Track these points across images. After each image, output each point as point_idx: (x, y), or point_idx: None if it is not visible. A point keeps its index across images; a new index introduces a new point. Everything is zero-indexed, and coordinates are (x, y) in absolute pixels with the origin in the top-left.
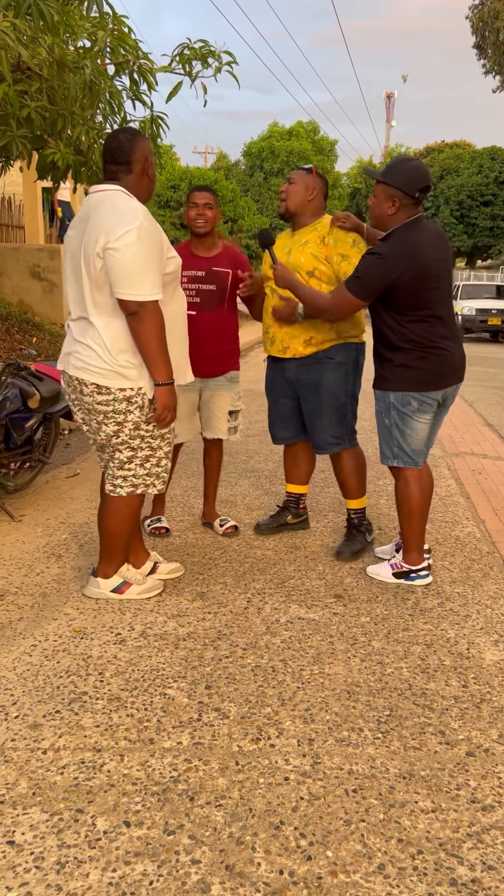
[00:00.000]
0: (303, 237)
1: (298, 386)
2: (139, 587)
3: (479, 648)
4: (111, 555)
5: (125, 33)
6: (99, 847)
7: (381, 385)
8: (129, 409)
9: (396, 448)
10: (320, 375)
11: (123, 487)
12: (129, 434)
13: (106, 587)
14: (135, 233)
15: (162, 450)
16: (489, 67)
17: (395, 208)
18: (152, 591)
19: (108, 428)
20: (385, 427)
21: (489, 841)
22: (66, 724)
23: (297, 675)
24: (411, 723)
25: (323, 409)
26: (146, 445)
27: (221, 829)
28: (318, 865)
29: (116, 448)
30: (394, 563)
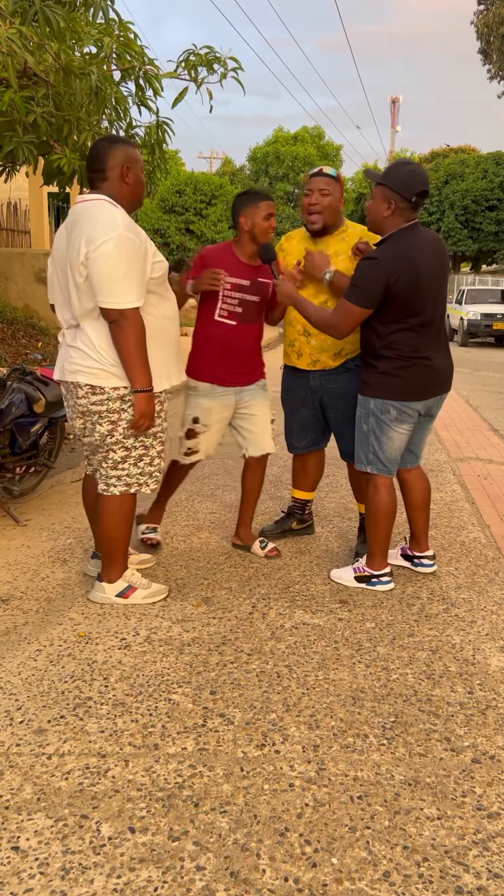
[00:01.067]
0: (330, 247)
1: (325, 395)
2: (144, 591)
3: (484, 654)
4: (112, 559)
5: (131, 39)
6: (104, 853)
7: (362, 390)
8: (122, 408)
9: (371, 455)
10: (350, 384)
11: (117, 486)
12: (122, 433)
13: (111, 592)
14: (113, 242)
15: (154, 448)
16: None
17: (391, 210)
18: (157, 596)
19: (103, 427)
20: (363, 432)
21: (495, 849)
22: (70, 729)
23: (301, 681)
24: (416, 729)
25: (352, 417)
26: (139, 444)
27: (226, 836)
28: (323, 872)
29: (111, 448)
30: (356, 567)
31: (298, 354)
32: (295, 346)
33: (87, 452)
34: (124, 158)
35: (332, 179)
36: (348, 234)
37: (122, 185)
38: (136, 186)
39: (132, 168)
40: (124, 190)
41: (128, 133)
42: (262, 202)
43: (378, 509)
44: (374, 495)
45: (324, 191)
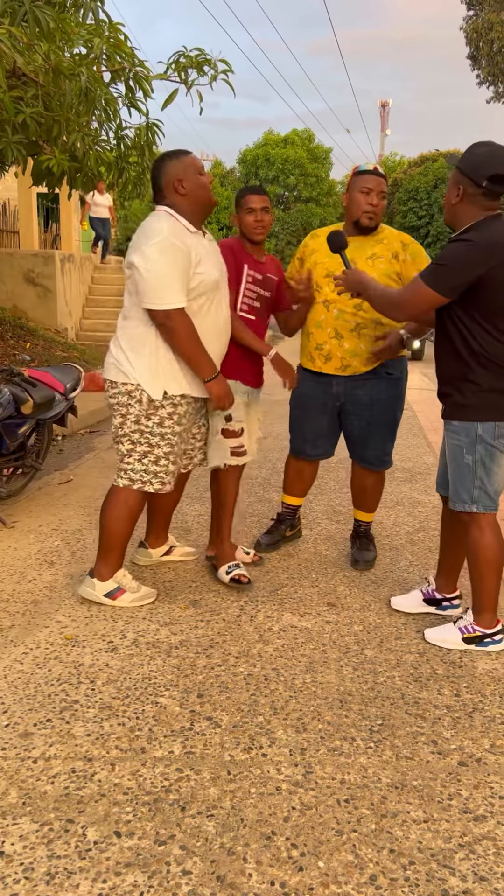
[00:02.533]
0: (368, 248)
1: (349, 402)
2: (132, 594)
3: (471, 657)
4: (107, 554)
5: (121, 41)
6: (89, 857)
7: (462, 415)
8: (129, 403)
9: (478, 490)
10: (378, 391)
11: (122, 479)
12: (130, 427)
13: (100, 590)
14: (157, 247)
15: (161, 448)
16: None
17: (459, 196)
18: (145, 600)
19: (116, 420)
20: (465, 465)
21: (481, 851)
22: (56, 732)
23: (289, 684)
24: (404, 732)
25: (378, 425)
26: (144, 441)
27: (213, 840)
28: (309, 876)
29: (119, 440)
30: (463, 627)
31: (327, 358)
32: (324, 349)
33: None
34: (174, 172)
35: (383, 179)
36: (385, 235)
37: (178, 196)
38: (194, 193)
39: (184, 178)
40: (183, 201)
41: (117, 134)
42: (246, 198)
43: (487, 554)
44: (480, 538)
45: (383, 193)
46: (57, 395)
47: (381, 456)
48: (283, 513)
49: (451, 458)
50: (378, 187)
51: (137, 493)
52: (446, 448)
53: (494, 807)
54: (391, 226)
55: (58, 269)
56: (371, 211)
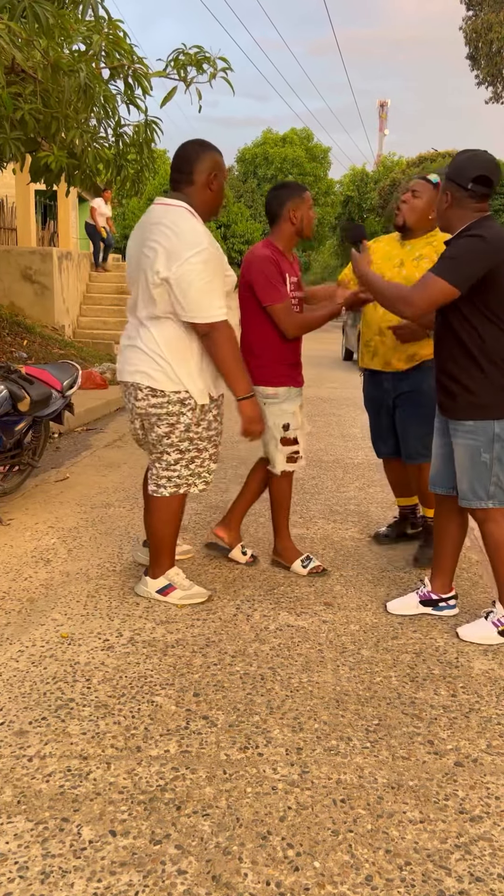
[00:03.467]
0: (416, 250)
1: (396, 395)
2: (182, 592)
3: (468, 657)
4: (157, 556)
5: (120, 38)
6: (84, 857)
7: (478, 414)
8: (181, 412)
9: (494, 486)
10: (420, 381)
11: (167, 488)
12: (178, 436)
13: (152, 587)
14: (201, 258)
15: (208, 451)
16: (482, 78)
17: (449, 202)
18: (196, 598)
19: (160, 429)
20: (482, 464)
21: (477, 852)
22: (52, 731)
23: (285, 684)
24: (400, 732)
25: (418, 416)
26: (193, 447)
27: (208, 839)
28: (305, 876)
29: (165, 450)
30: (496, 620)
31: (373, 355)
32: (371, 345)
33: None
34: (213, 165)
35: (430, 184)
36: (436, 238)
37: (207, 191)
38: (218, 195)
39: (218, 176)
40: (207, 197)
41: (116, 132)
42: (305, 193)
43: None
44: (498, 531)
45: (416, 192)
46: (54, 392)
47: (419, 448)
48: (401, 512)
49: (464, 458)
50: (412, 186)
51: (182, 495)
52: (457, 448)
53: (490, 807)
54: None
55: (55, 266)
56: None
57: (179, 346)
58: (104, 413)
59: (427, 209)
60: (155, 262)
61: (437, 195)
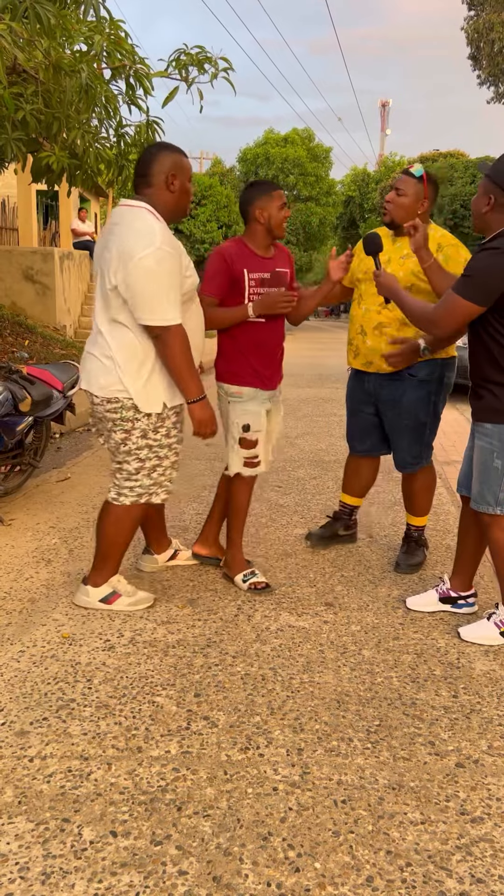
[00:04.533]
0: (405, 248)
1: (378, 401)
2: (128, 598)
3: (469, 658)
4: (104, 563)
5: (121, 38)
6: (85, 857)
7: (495, 418)
8: (135, 417)
9: (503, 494)
10: (401, 393)
11: (129, 497)
12: (135, 443)
13: (95, 596)
14: (152, 257)
15: (168, 459)
16: (484, 78)
17: (490, 206)
18: (141, 604)
19: (117, 436)
20: (494, 469)
21: (478, 853)
22: (53, 731)
23: (286, 684)
24: (401, 733)
25: (402, 428)
26: (153, 455)
27: (209, 840)
28: (305, 877)
29: (125, 459)
30: (499, 621)
31: (355, 353)
32: (353, 344)
33: None
34: (171, 165)
35: (413, 179)
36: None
37: (166, 192)
38: (180, 195)
39: (178, 176)
40: (168, 198)
41: (117, 132)
42: (274, 192)
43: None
44: (502, 538)
45: (400, 190)
46: (55, 392)
47: (408, 458)
48: (338, 511)
49: (478, 461)
50: (396, 184)
51: (142, 506)
52: (476, 449)
53: (492, 808)
54: None
55: (57, 266)
56: (385, 204)
57: (134, 350)
58: None
59: (413, 205)
60: (110, 262)
61: (424, 189)
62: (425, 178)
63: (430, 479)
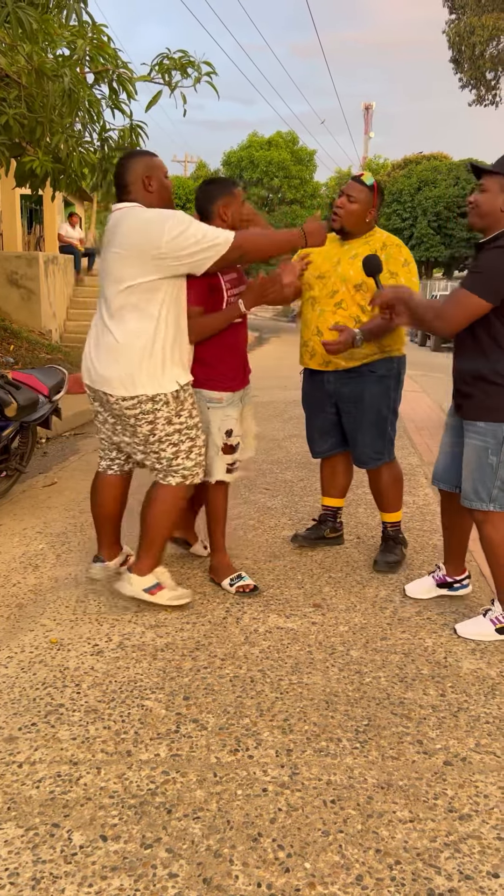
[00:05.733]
0: (353, 249)
1: (339, 399)
2: (171, 592)
3: (456, 657)
4: (150, 549)
5: (104, 42)
6: (75, 862)
7: (489, 416)
8: (155, 409)
9: (497, 490)
10: (362, 389)
11: (174, 478)
12: (163, 430)
13: (139, 585)
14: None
15: (200, 438)
16: (465, 81)
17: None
18: (182, 599)
19: (143, 429)
20: (488, 466)
21: (466, 850)
22: (42, 736)
23: (275, 686)
24: (389, 732)
25: (364, 423)
26: (185, 437)
27: (199, 842)
28: (296, 877)
29: (159, 448)
30: (494, 618)
31: (311, 354)
32: (308, 345)
33: (105, 447)
34: (143, 169)
35: (365, 187)
36: (373, 238)
37: (147, 193)
38: (160, 192)
39: (152, 175)
40: (150, 198)
41: (101, 136)
42: (236, 189)
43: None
44: (496, 535)
45: (351, 197)
46: (41, 397)
47: (370, 453)
48: (323, 514)
49: (471, 458)
50: (347, 190)
51: (186, 487)
52: (468, 447)
53: (479, 806)
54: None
55: (41, 270)
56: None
57: (145, 338)
58: (92, 417)
59: (363, 213)
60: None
61: (374, 197)
62: (376, 187)
63: (397, 473)
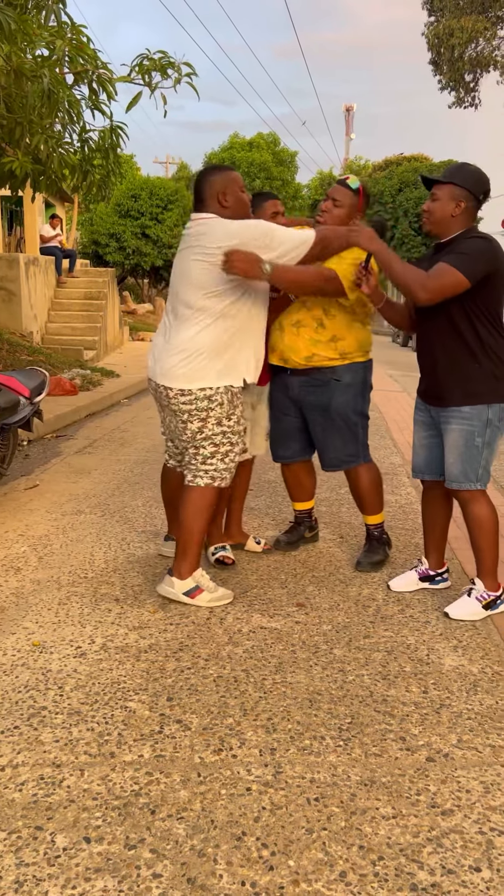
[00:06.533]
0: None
1: (304, 407)
2: (210, 594)
3: (438, 654)
4: (185, 552)
5: (84, 43)
6: (58, 864)
7: (471, 400)
8: (209, 407)
9: (482, 469)
10: (328, 398)
11: (203, 479)
12: (212, 430)
13: (179, 588)
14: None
15: (238, 445)
16: (444, 83)
17: (460, 209)
18: (222, 600)
19: (193, 425)
20: (475, 447)
21: (448, 845)
22: (24, 739)
23: (259, 685)
24: (372, 730)
25: (334, 430)
26: (226, 441)
27: (183, 842)
28: (280, 875)
29: (201, 444)
30: (479, 596)
31: (272, 349)
32: (270, 340)
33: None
34: (220, 185)
35: (350, 191)
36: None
37: (222, 208)
38: (235, 208)
39: (227, 191)
40: (225, 213)
41: (81, 137)
42: (270, 200)
43: (489, 525)
44: (481, 511)
45: (336, 201)
46: (22, 399)
47: (342, 457)
48: (298, 516)
49: (458, 442)
50: (332, 194)
51: (215, 488)
52: (452, 433)
53: (461, 801)
54: None
55: (22, 272)
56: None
57: (213, 338)
58: (74, 419)
59: (348, 217)
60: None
61: (360, 202)
62: (361, 190)
63: (375, 474)
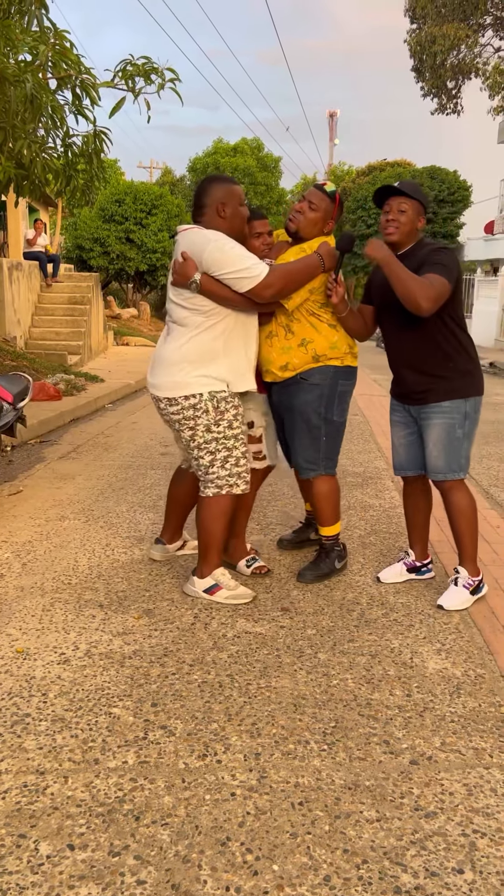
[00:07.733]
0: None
1: (281, 408)
2: (228, 592)
3: (422, 657)
4: (205, 555)
5: (67, 48)
6: (42, 872)
7: (450, 395)
8: (195, 416)
9: (464, 459)
10: (292, 396)
11: (210, 489)
12: (203, 437)
13: (200, 586)
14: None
15: (238, 449)
16: (427, 90)
17: (420, 224)
18: (241, 598)
19: (185, 433)
20: (457, 439)
21: (432, 847)
22: (7, 747)
23: (243, 690)
24: (356, 733)
25: (295, 431)
26: (222, 447)
27: (167, 848)
28: (264, 880)
29: (198, 454)
30: (465, 583)
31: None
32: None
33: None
34: (221, 195)
35: (326, 196)
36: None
37: (218, 219)
38: (232, 221)
39: (227, 203)
40: (222, 225)
41: (65, 142)
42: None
43: (469, 512)
44: (462, 500)
45: (312, 204)
46: (5, 404)
47: (301, 462)
48: (307, 518)
49: (440, 436)
50: (308, 197)
51: (227, 496)
52: (434, 429)
53: (445, 803)
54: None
55: (5, 277)
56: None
57: (200, 348)
58: (58, 425)
59: (322, 221)
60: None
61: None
62: (337, 198)
63: (328, 489)
